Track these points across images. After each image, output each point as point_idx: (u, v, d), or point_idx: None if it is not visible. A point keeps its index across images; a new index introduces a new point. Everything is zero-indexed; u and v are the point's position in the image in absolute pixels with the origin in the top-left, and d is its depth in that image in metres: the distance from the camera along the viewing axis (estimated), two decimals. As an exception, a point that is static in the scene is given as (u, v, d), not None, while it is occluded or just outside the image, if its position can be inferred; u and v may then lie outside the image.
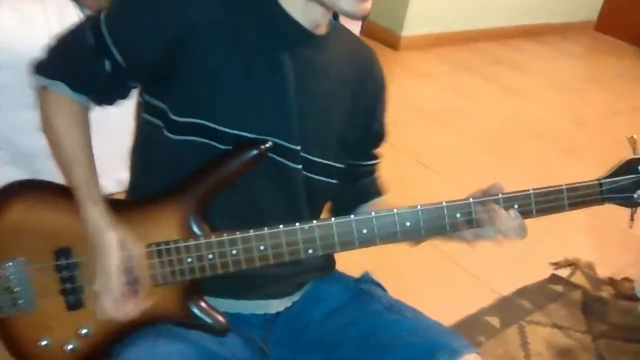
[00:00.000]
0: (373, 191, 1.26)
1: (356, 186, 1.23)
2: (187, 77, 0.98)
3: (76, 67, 1.02)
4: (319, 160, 1.10)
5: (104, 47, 0.98)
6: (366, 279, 1.25)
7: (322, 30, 1.06)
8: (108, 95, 1.05)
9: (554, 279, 2.43)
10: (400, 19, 4.53)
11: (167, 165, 1.06)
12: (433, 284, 2.28)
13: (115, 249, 0.97)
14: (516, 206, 0.99)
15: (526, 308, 2.23)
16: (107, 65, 0.99)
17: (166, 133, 1.02)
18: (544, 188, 1.01)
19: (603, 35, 6.23)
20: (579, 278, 2.44)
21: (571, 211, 1.03)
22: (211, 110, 1.00)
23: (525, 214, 1.00)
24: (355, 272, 1.28)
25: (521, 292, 2.30)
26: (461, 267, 2.39)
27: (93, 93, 1.04)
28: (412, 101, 3.79)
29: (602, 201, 1.03)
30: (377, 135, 1.23)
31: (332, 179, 1.14)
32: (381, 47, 4.43)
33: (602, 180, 1.02)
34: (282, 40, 1.01)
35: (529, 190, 1.01)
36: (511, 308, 2.22)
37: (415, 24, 4.59)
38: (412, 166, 3.06)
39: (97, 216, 0.98)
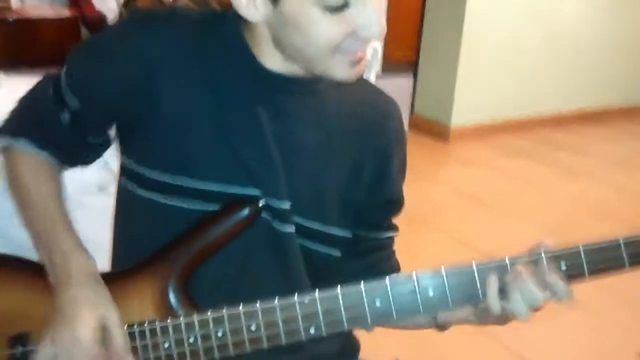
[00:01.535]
0: (386, 268, 1.04)
1: (365, 261, 1.03)
2: (156, 126, 0.88)
3: (36, 121, 0.95)
4: (315, 225, 0.93)
5: (61, 97, 0.92)
6: None
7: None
8: (70, 151, 0.96)
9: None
10: (447, 109, 4.44)
11: (146, 233, 0.93)
12: None
13: (111, 302, 0.85)
14: (564, 267, 0.82)
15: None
16: (65, 115, 0.92)
17: (143, 194, 0.91)
18: (597, 243, 0.82)
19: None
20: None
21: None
22: (186, 163, 0.88)
23: (576, 277, 0.82)
24: (385, 357, 1.07)
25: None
26: (519, 354, 2.10)
27: (55, 149, 0.95)
28: (464, 189, 3.62)
29: None
30: (389, 201, 1.03)
31: (333, 250, 0.97)
32: (430, 140, 4.33)
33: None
34: (255, 87, 0.88)
35: (578, 246, 0.82)
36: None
37: (464, 114, 4.50)
38: (465, 253, 2.82)
39: (84, 263, 0.87)
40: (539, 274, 0.80)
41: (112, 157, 1.32)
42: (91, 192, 1.37)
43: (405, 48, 5.13)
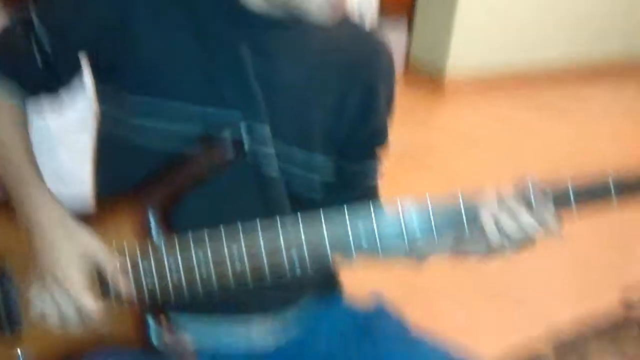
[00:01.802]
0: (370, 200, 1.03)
1: (348, 194, 1.00)
2: (134, 60, 0.86)
3: (3, 51, 0.91)
4: (296, 151, 0.92)
5: (32, 32, 0.88)
6: (379, 308, 1.03)
7: None
8: (39, 81, 0.92)
9: (628, 307, 2.15)
10: (443, 60, 4.38)
11: (127, 160, 0.91)
12: (469, 311, 2.05)
13: (90, 236, 0.84)
14: (551, 201, 0.82)
15: (590, 341, 1.95)
16: (36, 50, 0.88)
17: (120, 119, 0.89)
18: (586, 180, 0.83)
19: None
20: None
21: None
22: (164, 86, 0.86)
23: (564, 211, 0.82)
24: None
25: (583, 323, 2.03)
26: (504, 291, 2.16)
27: (23, 81, 0.91)
28: (459, 131, 3.62)
29: None
30: (375, 133, 1.01)
31: (314, 175, 0.95)
32: (426, 91, 4.31)
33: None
34: (237, 24, 0.87)
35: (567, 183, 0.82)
36: (568, 339, 1.94)
37: (459, 65, 4.43)
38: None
39: (52, 203, 0.85)
40: (527, 207, 0.80)
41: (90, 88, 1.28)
42: (75, 130, 1.35)
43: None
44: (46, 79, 0.92)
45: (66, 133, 1.34)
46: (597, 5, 5.09)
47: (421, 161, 3.08)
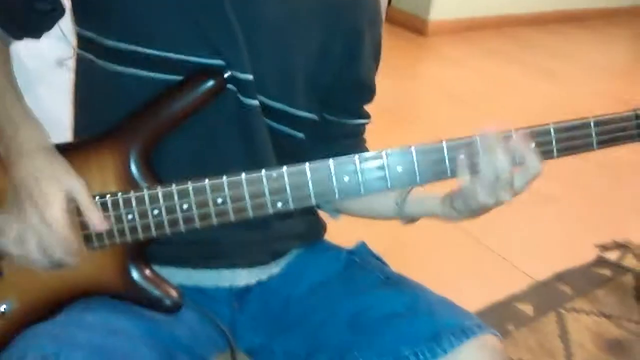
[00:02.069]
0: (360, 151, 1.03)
1: (333, 146, 0.99)
2: None
3: None
4: (279, 106, 0.89)
5: None
6: (361, 249, 1.04)
7: None
8: (17, 19, 0.89)
9: (601, 262, 2.20)
10: (426, 3, 4.31)
11: (108, 103, 0.88)
12: (453, 266, 2.08)
13: (72, 171, 0.80)
14: (533, 145, 0.80)
15: (566, 294, 2.00)
16: None
17: (101, 64, 0.86)
18: (567, 122, 0.81)
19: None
20: (630, 261, 2.20)
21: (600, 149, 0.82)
22: (145, 31, 0.83)
23: (545, 154, 0.80)
24: (349, 241, 1.07)
25: (560, 277, 2.07)
26: (487, 247, 2.19)
27: (2, 18, 0.88)
28: (441, 85, 3.57)
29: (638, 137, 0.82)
30: (360, 84, 0.99)
31: (298, 132, 0.94)
32: (408, 34, 4.22)
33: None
34: None
35: (548, 124, 0.81)
36: (548, 294, 1.99)
37: (442, 8, 4.37)
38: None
39: (27, 139, 0.81)
40: (509, 149, 0.78)
41: (70, 31, 1.25)
42: (50, 67, 1.31)
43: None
44: (29, 19, 0.88)
45: (44, 72, 1.30)
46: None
47: (404, 116, 3.06)
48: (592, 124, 0.80)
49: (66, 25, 1.08)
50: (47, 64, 1.30)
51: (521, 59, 4.28)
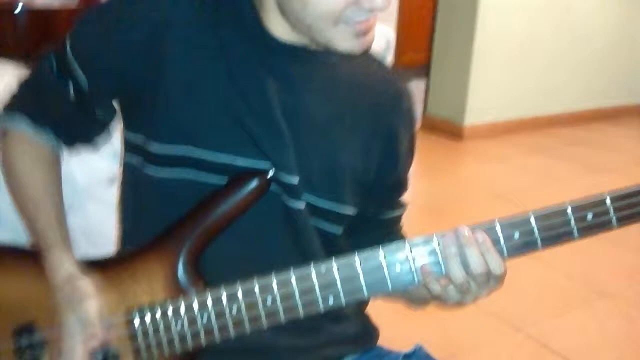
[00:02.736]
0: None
1: (372, 236, 0.98)
2: (164, 93, 0.84)
3: (38, 96, 0.90)
4: (326, 204, 0.89)
5: (66, 68, 0.87)
6: (419, 353, 0.99)
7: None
8: (74, 129, 0.92)
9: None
10: (461, 109, 4.39)
11: (155, 211, 0.89)
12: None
13: (93, 294, 0.81)
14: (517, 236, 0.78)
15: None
16: (71, 88, 0.88)
17: (148, 169, 0.87)
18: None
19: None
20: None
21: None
22: (193, 131, 0.84)
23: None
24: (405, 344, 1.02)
25: None
26: (542, 343, 2.05)
27: (57, 126, 0.91)
28: (482, 184, 3.54)
29: None
30: (397, 182, 1.00)
31: (339, 229, 0.93)
32: (445, 139, 4.27)
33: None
34: (264, 56, 0.85)
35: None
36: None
37: (478, 113, 4.44)
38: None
39: (67, 264, 0.83)
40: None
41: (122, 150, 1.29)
42: (102, 185, 1.35)
43: (418, 50, 5.10)
44: (81, 124, 0.91)
45: (95, 189, 1.34)
46: (612, 56, 5.12)
47: (448, 216, 3.04)
48: (608, 200, 0.77)
49: (118, 144, 1.12)
50: (99, 182, 1.34)
51: (562, 154, 4.26)
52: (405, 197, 1.03)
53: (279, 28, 0.84)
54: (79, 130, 0.93)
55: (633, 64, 5.36)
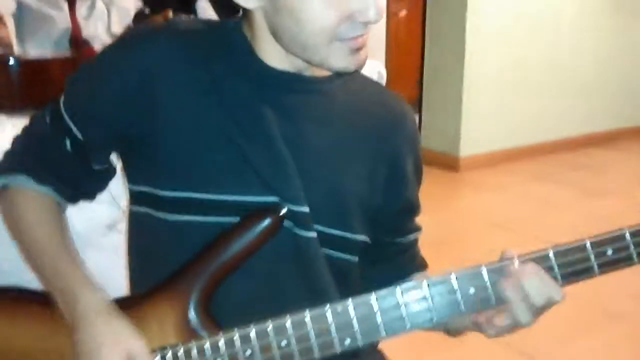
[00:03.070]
0: (413, 268, 1.00)
1: (390, 265, 0.98)
2: (161, 139, 0.83)
3: (35, 155, 0.90)
4: (336, 232, 0.87)
5: (61, 124, 0.88)
6: None
7: (315, 72, 0.87)
8: (73, 183, 0.91)
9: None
10: (455, 141, 4.41)
11: (166, 255, 0.87)
12: None
13: (132, 333, 0.79)
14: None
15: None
16: (68, 144, 0.87)
17: (158, 215, 0.85)
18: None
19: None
20: None
21: None
22: (197, 176, 0.83)
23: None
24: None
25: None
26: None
27: (59, 182, 0.90)
28: (481, 214, 3.53)
29: None
30: (407, 205, 0.98)
31: (353, 256, 0.91)
32: (441, 172, 4.27)
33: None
34: (259, 87, 0.84)
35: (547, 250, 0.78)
36: None
37: (473, 143, 4.46)
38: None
39: (88, 303, 0.81)
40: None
41: (120, 194, 1.27)
42: (101, 232, 1.32)
43: (408, 86, 5.13)
44: (81, 180, 0.90)
45: (94, 236, 1.32)
46: (601, 82, 5.19)
47: (449, 249, 3.02)
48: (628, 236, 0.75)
49: (116, 189, 1.10)
50: (97, 228, 1.32)
51: (560, 180, 4.26)
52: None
53: (272, 55, 0.83)
54: (79, 186, 0.91)
55: (623, 88, 5.42)
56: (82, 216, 1.27)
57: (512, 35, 4.51)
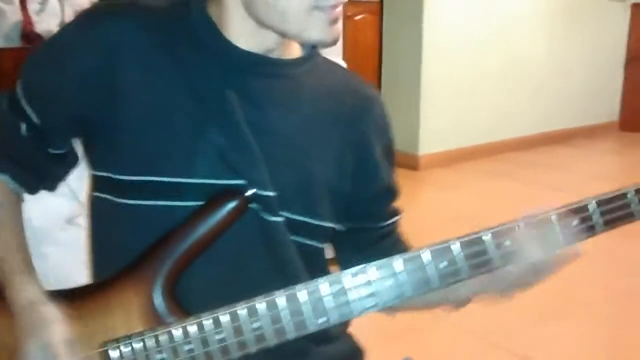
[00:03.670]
0: (398, 250, 0.97)
1: (374, 252, 0.92)
2: (123, 123, 0.80)
3: None
4: (303, 219, 0.86)
5: (17, 108, 0.84)
6: None
7: (283, 54, 0.86)
8: (31, 169, 0.87)
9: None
10: (414, 139, 4.45)
11: (129, 243, 0.82)
12: None
13: (58, 319, 0.75)
14: (575, 222, 0.78)
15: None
16: (24, 129, 0.84)
17: (120, 201, 0.82)
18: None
19: (629, 133, 6.04)
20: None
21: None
22: (160, 160, 0.80)
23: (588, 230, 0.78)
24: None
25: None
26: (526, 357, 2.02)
27: (16, 168, 0.86)
28: (443, 212, 3.56)
29: None
30: (381, 189, 0.96)
31: (322, 243, 0.90)
32: (401, 170, 4.30)
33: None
34: (224, 69, 0.82)
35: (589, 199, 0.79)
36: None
37: (431, 143, 4.50)
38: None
39: (30, 289, 0.78)
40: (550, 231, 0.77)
41: (79, 187, 1.23)
42: (60, 227, 1.28)
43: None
44: (38, 167, 0.86)
45: (52, 231, 1.27)
46: (548, 81, 5.31)
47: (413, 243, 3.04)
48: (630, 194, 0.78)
49: (75, 183, 1.06)
50: (56, 223, 1.27)
51: (518, 176, 4.34)
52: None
53: (240, 33, 0.81)
54: (38, 172, 0.87)
55: (577, 88, 5.57)
56: (41, 210, 1.22)
57: (468, 37, 4.58)
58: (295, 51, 0.88)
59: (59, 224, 1.27)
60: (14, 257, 0.81)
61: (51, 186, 0.91)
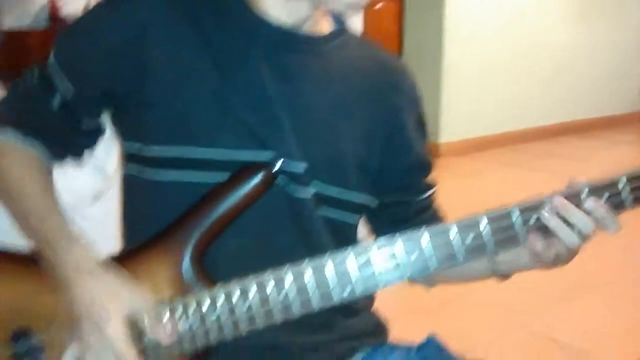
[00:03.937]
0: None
1: (413, 223, 0.93)
2: (151, 95, 0.82)
3: (23, 110, 0.88)
4: (334, 192, 0.86)
5: (49, 80, 0.85)
6: (432, 344, 0.95)
7: (314, 29, 0.87)
8: (60, 140, 0.88)
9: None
10: (434, 128, 4.44)
11: (158, 217, 0.83)
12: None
13: (125, 291, 0.77)
14: (606, 195, 0.79)
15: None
16: (55, 100, 0.85)
17: (148, 175, 0.84)
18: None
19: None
20: None
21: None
22: (187, 130, 0.82)
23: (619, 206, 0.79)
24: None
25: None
26: (548, 336, 2.03)
27: (44, 138, 0.87)
28: (462, 199, 3.54)
29: None
30: (415, 164, 0.96)
31: (353, 218, 0.92)
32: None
33: None
34: (254, 44, 0.83)
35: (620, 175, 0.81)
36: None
37: (451, 131, 4.49)
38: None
39: (81, 257, 0.78)
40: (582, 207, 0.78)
41: (106, 161, 1.24)
42: (87, 202, 1.30)
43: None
44: (68, 137, 0.88)
45: (79, 206, 1.29)
46: (568, 71, 5.26)
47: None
48: None
49: (101, 156, 1.07)
50: (83, 198, 1.29)
51: (533, 167, 4.33)
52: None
53: (271, 4, 0.83)
54: (67, 141, 0.89)
55: (596, 79, 5.51)
56: (67, 187, 1.24)
57: (490, 26, 4.55)
58: (324, 27, 0.89)
59: (86, 200, 1.29)
60: (57, 218, 0.82)
61: (78, 155, 0.92)
